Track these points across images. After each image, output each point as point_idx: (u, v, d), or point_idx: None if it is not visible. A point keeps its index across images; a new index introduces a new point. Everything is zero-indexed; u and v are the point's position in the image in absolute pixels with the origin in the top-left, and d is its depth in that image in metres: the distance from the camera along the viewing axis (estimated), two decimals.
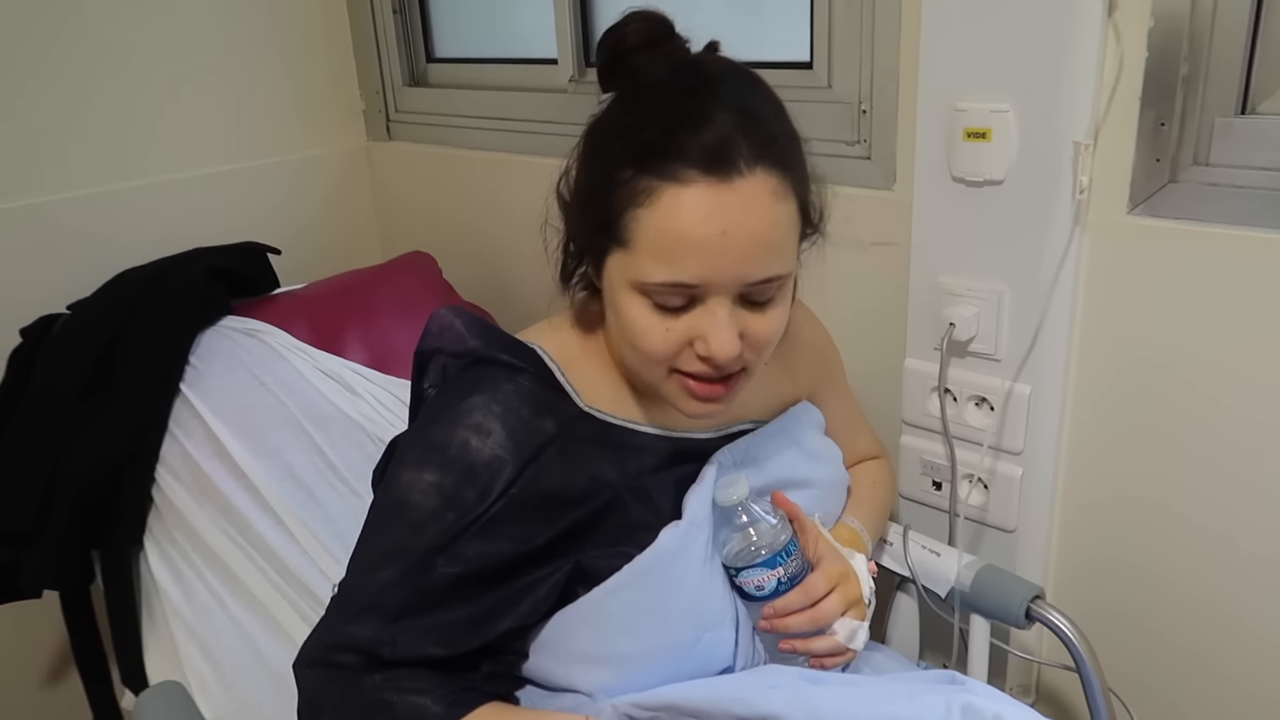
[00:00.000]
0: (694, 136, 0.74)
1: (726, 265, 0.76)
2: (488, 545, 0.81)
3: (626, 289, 0.80)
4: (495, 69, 1.79)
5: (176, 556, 1.26)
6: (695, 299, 0.78)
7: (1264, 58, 0.96)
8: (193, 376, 1.35)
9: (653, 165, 0.75)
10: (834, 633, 0.88)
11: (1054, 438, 1.14)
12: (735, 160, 0.74)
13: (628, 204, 0.77)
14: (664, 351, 0.80)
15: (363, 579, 0.82)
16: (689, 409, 0.84)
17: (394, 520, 0.82)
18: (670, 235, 0.75)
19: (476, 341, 0.87)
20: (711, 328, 0.78)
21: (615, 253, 0.80)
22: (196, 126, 1.72)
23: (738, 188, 0.74)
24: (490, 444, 0.81)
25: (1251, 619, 1.06)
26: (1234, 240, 0.97)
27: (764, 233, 0.76)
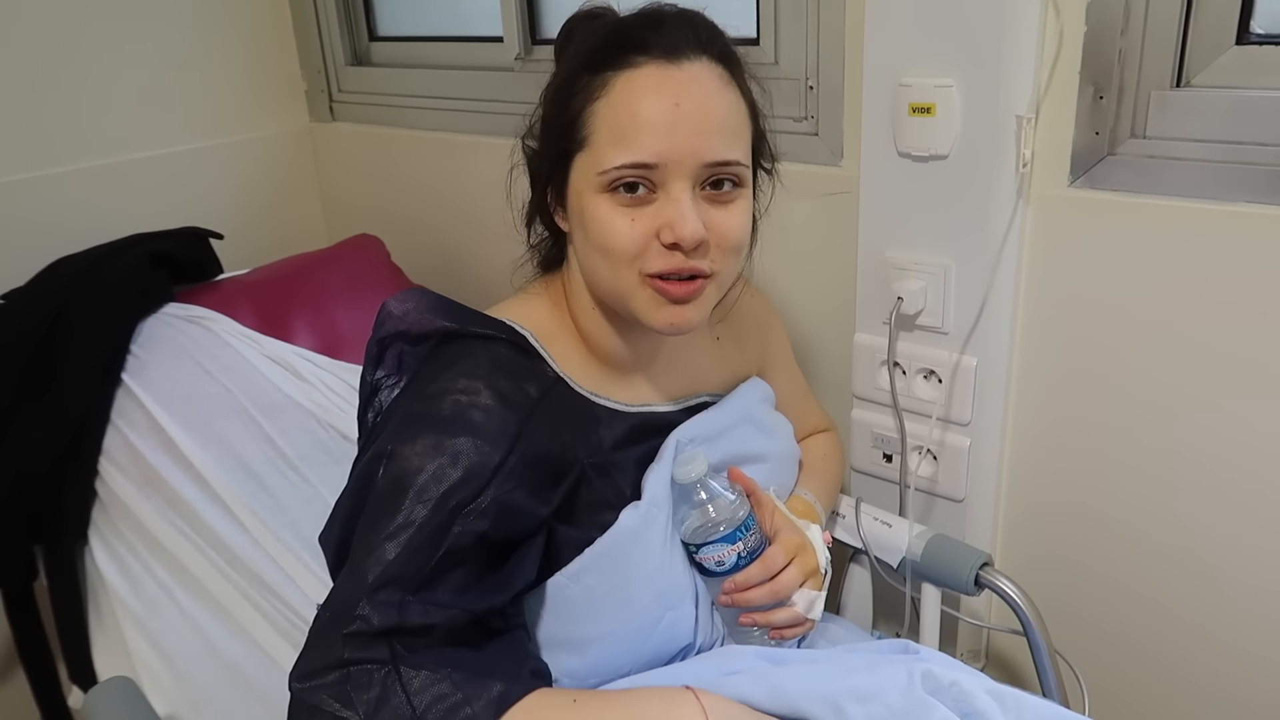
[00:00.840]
0: (643, 31, 0.82)
1: (683, 139, 0.79)
2: (513, 501, 0.77)
3: (592, 193, 0.82)
4: (440, 47, 1.76)
5: (123, 550, 1.24)
6: (657, 185, 0.80)
7: (1197, 31, 0.98)
8: (134, 366, 1.31)
9: (606, 61, 0.81)
10: (793, 604, 0.89)
11: (1000, 408, 1.16)
12: (682, 47, 0.81)
13: (585, 103, 0.82)
14: (631, 245, 0.81)
15: (373, 566, 0.73)
16: (661, 317, 0.83)
17: (392, 500, 0.75)
18: (625, 114, 0.80)
19: (444, 318, 0.85)
20: (675, 212, 0.80)
21: (577, 160, 0.83)
22: (130, 109, 1.67)
23: (685, 68, 0.81)
24: (483, 401, 0.79)
25: (1197, 564, 1.09)
26: (1171, 211, 1.00)
27: (715, 109, 0.81)
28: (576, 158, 0.83)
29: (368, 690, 0.68)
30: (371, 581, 0.72)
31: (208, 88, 1.77)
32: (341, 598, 0.73)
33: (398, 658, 0.70)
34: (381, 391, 0.86)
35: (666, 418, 0.94)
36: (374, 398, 0.87)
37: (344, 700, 0.68)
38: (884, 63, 1.08)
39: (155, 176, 1.71)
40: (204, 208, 1.74)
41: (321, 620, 0.73)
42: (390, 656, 0.70)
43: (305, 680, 0.70)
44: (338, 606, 0.72)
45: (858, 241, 1.18)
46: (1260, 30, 0.96)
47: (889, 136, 1.10)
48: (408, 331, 0.85)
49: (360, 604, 0.71)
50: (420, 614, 0.71)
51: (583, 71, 0.83)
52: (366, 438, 0.87)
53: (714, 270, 0.83)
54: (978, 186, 1.05)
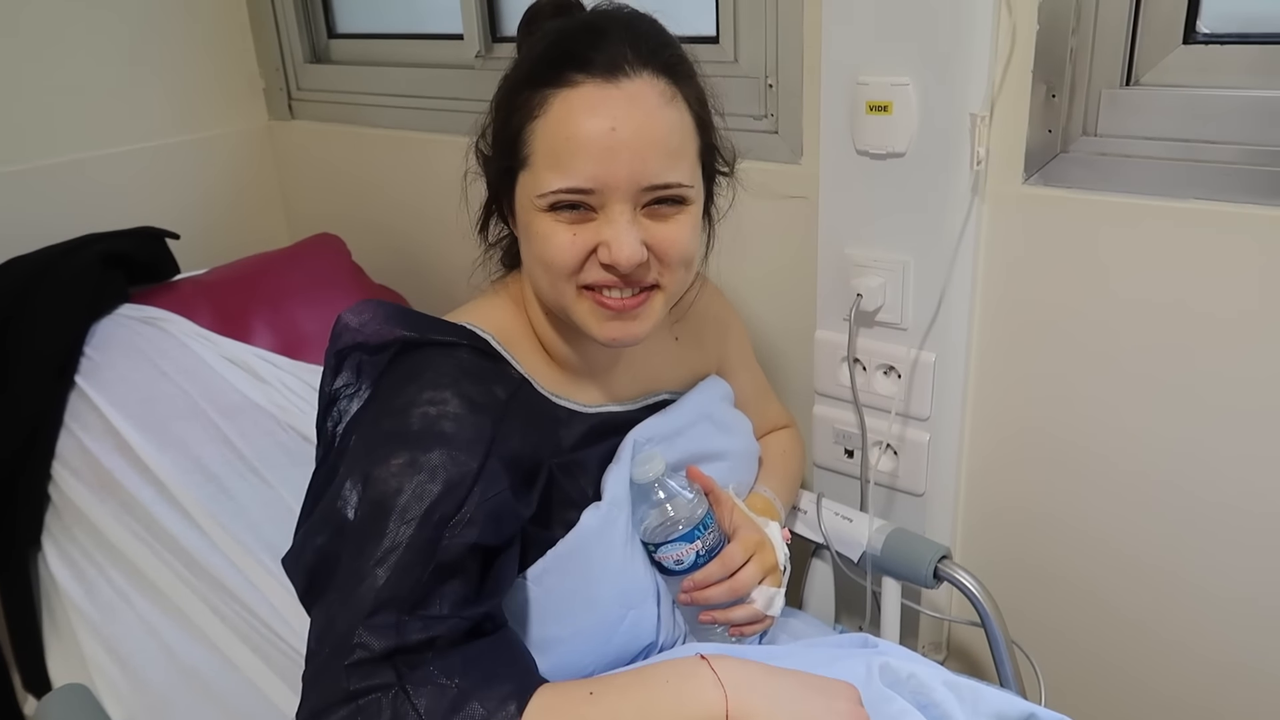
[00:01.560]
0: (583, 47, 0.79)
1: (620, 164, 0.77)
2: (497, 505, 0.76)
3: (533, 212, 0.81)
4: (399, 45, 1.75)
5: (77, 555, 1.22)
6: (596, 207, 0.80)
7: (1146, 30, 1.00)
8: (88, 368, 1.29)
9: (545, 77, 0.79)
10: (752, 601, 0.90)
11: (959, 403, 1.18)
12: (620, 64, 0.78)
13: (525, 120, 0.80)
14: (569, 260, 0.80)
15: (363, 592, 0.70)
16: (603, 331, 0.83)
17: (379, 520, 0.72)
18: (561, 138, 0.78)
19: (400, 328, 0.83)
20: (612, 234, 0.79)
21: (521, 177, 0.82)
22: (83, 106, 1.64)
23: (623, 86, 0.78)
24: (452, 409, 0.77)
25: (1146, 563, 1.11)
26: (1122, 207, 1.01)
27: (654, 131, 0.79)
28: (519, 175, 0.82)
29: (379, 718, 0.66)
30: (365, 607, 0.69)
31: (163, 85, 1.74)
32: (338, 630, 0.69)
33: (403, 678, 0.68)
34: (341, 400, 0.83)
35: (625, 417, 0.94)
36: (333, 406, 0.84)
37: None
38: (841, 61, 1.09)
39: (110, 175, 1.69)
40: (160, 207, 1.72)
41: (321, 657, 0.70)
42: (396, 678, 0.67)
43: (318, 701, 0.67)
44: (336, 640, 0.69)
45: (818, 239, 1.18)
46: (1206, 30, 0.98)
47: (847, 134, 1.11)
48: (366, 343, 0.83)
49: (357, 632, 0.68)
50: (419, 630, 0.69)
51: (524, 86, 0.81)
52: (327, 449, 0.84)
53: (660, 282, 0.83)
54: (934, 184, 1.06)
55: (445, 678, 0.68)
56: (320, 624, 0.72)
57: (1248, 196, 0.94)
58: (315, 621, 0.73)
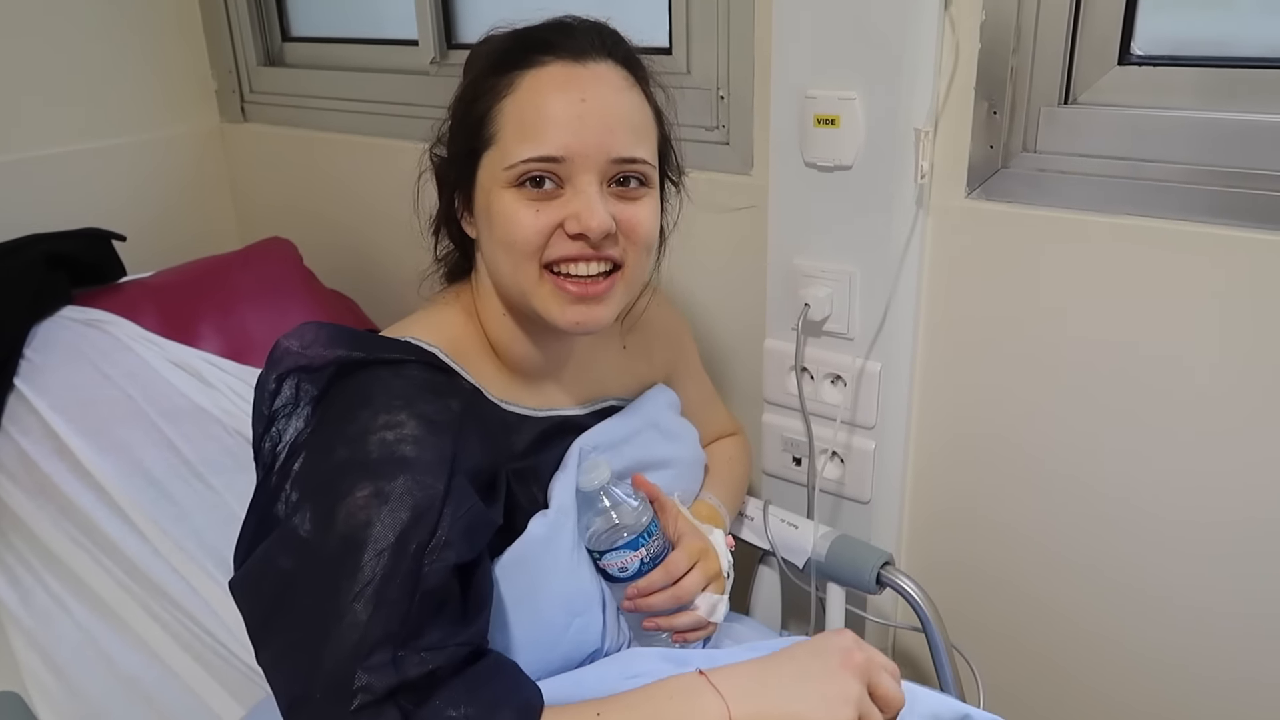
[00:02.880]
0: (550, 34, 0.84)
1: (589, 133, 0.80)
2: (470, 520, 0.75)
3: (499, 189, 0.82)
4: (354, 49, 1.74)
5: (12, 561, 1.19)
6: (564, 180, 0.81)
7: (1083, 51, 1.03)
8: (28, 370, 1.27)
9: (513, 61, 0.83)
10: (696, 608, 0.91)
11: (904, 411, 1.20)
12: (587, 49, 0.83)
13: (492, 102, 0.83)
14: (535, 236, 0.81)
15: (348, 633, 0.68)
16: (564, 315, 0.83)
17: (352, 556, 0.70)
18: (531, 109, 0.81)
19: (344, 348, 0.80)
20: (582, 204, 0.81)
21: (485, 158, 0.84)
22: (28, 104, 1.61)
23: (590, 68, 0.83)
24: (410, 432, 0.75)
25: (1084, 567, 1.14)
26: (1061, 222, 1.04)
27: (620, 107, 0.83)
28: (484, 156, 0.84)
29: None
30: (355, 647, 0.67)
31: (113, 84, 1.72)
32: (329, 671, 0.67)
33: (410, 716, 0.66)
34: (279, 420, 0.80)
35: (575, 421, 0.95)
36: (271, 426, 0.80)
37: None
38: (790, 74, 1.11)
39: (54, 175, 1.65)
40: (107, 208, 1.69)
41: (315, 702, 0.67)
42: (402, 717, 0.66)
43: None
44: (329, 682, 0.67)
45: (767, 249, 1.20)
46: (1140, 52, 1.02)
47: (796, 147, 1.12)
48: (309, 365, 0.80)
49: (356, 675, 0.66)
50: (418, 664, 0.68)
51: (490, 73, 0.84)
52: (267, 470, 0.80)
53: (624, 261, 0.84)
54: (880, 196, 1.08)
55: (452, 709, 0.68)
56: (302, 664, 0.68)
57: (1181, 213, 0.98)
58: (289, 659, 0.70)
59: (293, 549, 0.73)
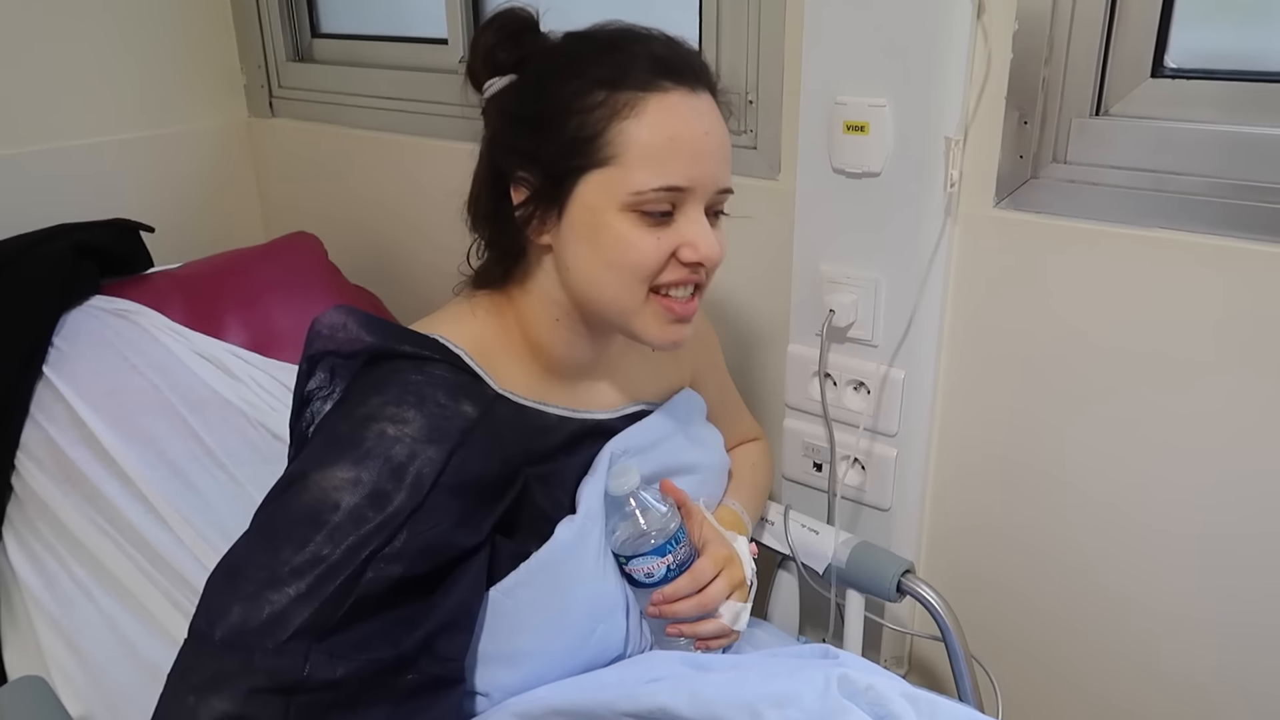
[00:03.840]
0: (651, 55, 0.83)
1: (709, 166, 0.83)
2: (431, 539, 0.76)
3: (613, 210, 0.82)
4: (383, 47, 1.76)
5: (39, 547, 1.20)
6: (676, 207, 0.83)
7: (1116, 62, 1.02)
8: (56, 359, 1.28)
9: (628, 82, 0.81)
10: (719, 616, 0.91)
11: (926, 420, 1.20)
12: (699, 77, 0.84)
13: (609, 120, 0.81)
14: (654, 261, 0.83)
15: (270, 601, 0.70)
16: (664, 334, 0.86)
17: (302, 529, 0.72)
18: (665, 137, 0.81)
19: (373, 337, 0.83)
20: (699, 233, 0.83)
21: (594, 176, 0.82)
22: (62, 95, 1.63)
23: (702, 97, 0.84)
24: (409, 432, 0.77)
25: (1104, 581, 1.14)
26: (1089, 233, 1.04)
27: (725, 139, 0.86)
28: (593, 173, 0.81)
29: None
30: (274, 620, 0.69)
31: (144, 78, 1.74)
32: (234, 624, 0.69)
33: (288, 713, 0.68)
34: (314, 402, 0.84)
35: (606, 425, 0.95)
36: (306, 408, 0.84)
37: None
38: (820, 81, 1.11)
39: (86, 165, 1.67)
40: (136, 199, 1.71)
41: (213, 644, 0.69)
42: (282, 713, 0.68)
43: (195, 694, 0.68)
44: (231, 635, 0.69)
45: (793, 254, 1.20)
46: (1173, 65, 1.01)
47: (824, 153, 1.12)
48: (338, 350, 0.83)
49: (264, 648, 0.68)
50: (324, 666, 0.69)
51: (598, 88, 0.81)
52: (298, 449, 0.85)
53: (705, 284, 0.88)
54: (908, 204, 1.08)
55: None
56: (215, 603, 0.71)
57: (1209, 227, 0.97)
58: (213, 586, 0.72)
59: (270, 497, 0.77)
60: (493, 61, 0.88)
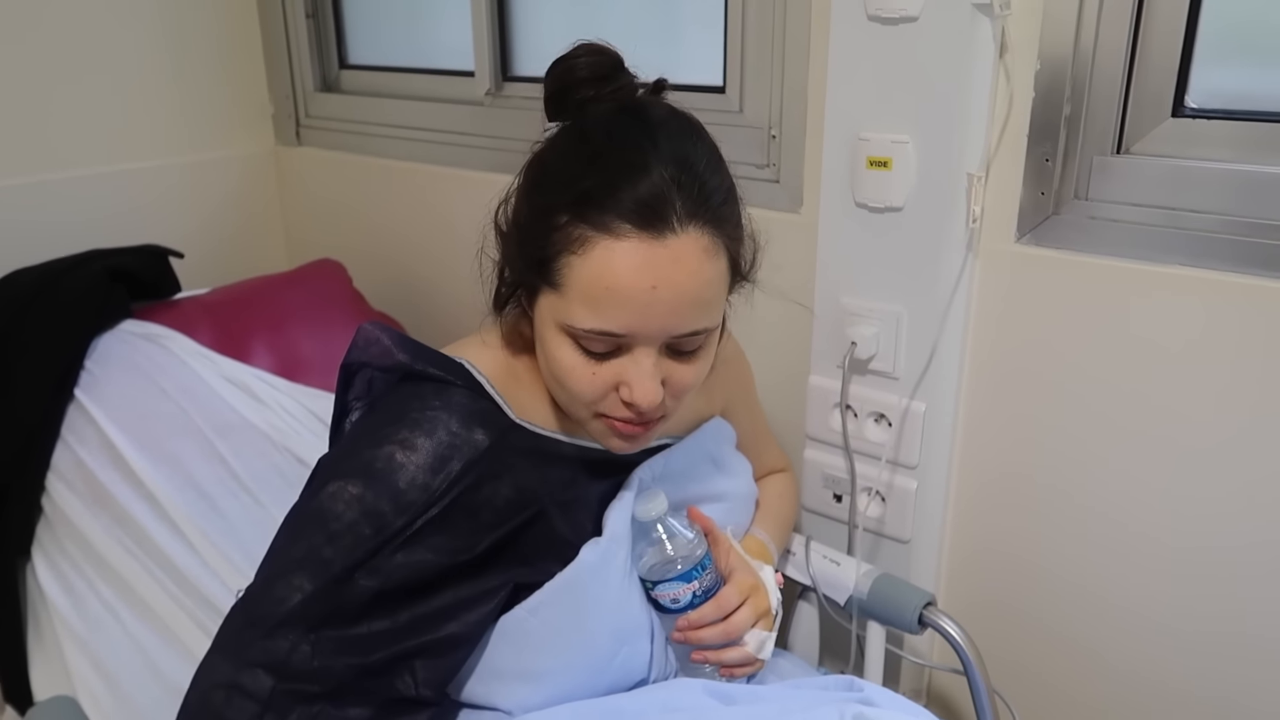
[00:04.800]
0: (630, 190, 0.75)
1: (654, 319, 0.77)
2: (409, 558, 0.79)
3: (555, 330, 0.80)
4: (410, 78, 1.79)
5: (67, 567, 1.22)
6: (622, 347, 0.80)
7: (1137, 102, 1.04)
8: (88, 382, 1.30)
9: (588, 215, 0.76)
10: (744, 644, 0.91)
11: (947, 452, 1.20)
12: (669, 218, 0.75)
13: (562, 249, 0.77)
14: (590, 395, 0.82)
15: (277, 588, 0.78)
16: (613, 446, 0.87)
17: (312, 529, 0.80)
18: (601, 286, 0.76)
19: (404, 356, 0.86)
20: (636, 377, 0.79)
21: (546, 293, 0.80)
22: (93, 122, 1.67)
23: (669, 244, 0.76)
24: (416, 459, 0.80)
25: (1127, 612, 1.13)
26: (1110, 270, 1.05)
27: (693, 289, 0.78)
28: (545, 291, 0.81)
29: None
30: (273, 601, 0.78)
31: (174, 106, 1.77)
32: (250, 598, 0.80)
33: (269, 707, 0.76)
34: (352, 413, 0.89)
35: (626, 458, 0.96)
36: (345, 418, 0.90)
37: None
38: (844, 117, 1.13)
39: (116, 192, 1.70)
40: (164, 226, 1.73)
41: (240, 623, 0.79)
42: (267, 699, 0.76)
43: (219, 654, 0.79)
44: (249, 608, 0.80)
45: (814, 287, 1.21)
46: (1194, 105, 1.03)
47: (847, 187, 1.14)
48: (371, 363, 0.88)
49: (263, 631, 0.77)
50: (305, 658, 0.76)
51: (563, 210, 0.77)
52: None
53: (667, 413, 0.85)
54: (930, 239, 1.10)
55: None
56: (255, 581, 0.81)
57: (1228, 265, 0.98)
58: (258, 571, 0.82)
59: (304, 490, 0.85)
60: (547, 108, 0.86)
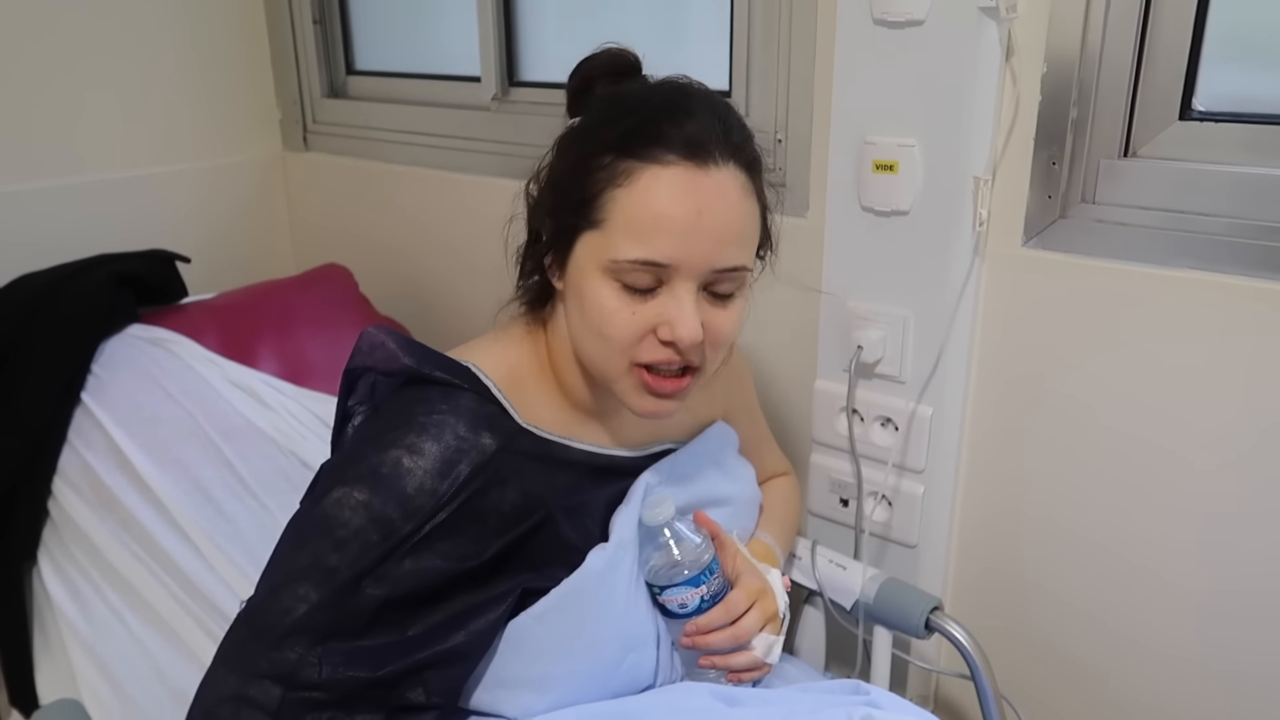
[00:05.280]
0: (675, 126, 0.80)
1: (699, 246, 0.79)
2: (417, 564, 0.79)
3: (596, 272, 0.81)
4: (417, 84, 1.79)
5: (73, 572, 1.22)
6: (662, 282, 0.81)
7: (1144, 105, 1.04)
8: (95, 386, 1.31)
9: (634, 149, 0.80)
10: (752, 648, 0.91)
11: (953, 457, 1.20)
12: (712, 151, 0.80)
13: (606, 185, 0.80)
14: (629, 335, 0.81)
15: (282, 598, 0.77)
16: (643, 406, 0.85)
17: (317, 536, 0.79)
18: (648, 212, 0.79)
19: (410, 360, 0.86)
20: (677, 312, 0.80)
21: (586, 235, 0.82)
22: (102, 128, 1.67)
23: (712, 174, 0.80)
24: (423, 464, 0.80)
25: (1132, 627, 1.13)
26: (1117, 273, 1.05)
27: (735, 220, 0.81)
28: (586, 234, 0.82)
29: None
30: (278, 612, 0.77)
31: (181, 112, 1.78)
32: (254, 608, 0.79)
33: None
34: (354, 417, 0.89)
35: (631, 463, 0.96)
36: (347, 423, 0.89)
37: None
38: (850, 121, 1.13)
39: (124, 197, 1.71)
40: (171, 230, 1.74)
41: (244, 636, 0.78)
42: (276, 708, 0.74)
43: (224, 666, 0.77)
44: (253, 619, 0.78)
45: (821, 290, 1.21)
46: (1201, 108, 1.02)
47: (853, 191, 1.14)
48: (375, 367, 0.87)
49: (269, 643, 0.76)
50: (311, 669, 0.75)
51: (607, 151, 0.81)
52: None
53: (702, 364, 0.85)
54: (937, 242, 1.09)
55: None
56: (257, 592, 0.80)
57: (1238, 268, 0.98)
58: (260, 580, 0.81)
59: (304, 499, 0.84)
60: (569, 104, 0.91)
